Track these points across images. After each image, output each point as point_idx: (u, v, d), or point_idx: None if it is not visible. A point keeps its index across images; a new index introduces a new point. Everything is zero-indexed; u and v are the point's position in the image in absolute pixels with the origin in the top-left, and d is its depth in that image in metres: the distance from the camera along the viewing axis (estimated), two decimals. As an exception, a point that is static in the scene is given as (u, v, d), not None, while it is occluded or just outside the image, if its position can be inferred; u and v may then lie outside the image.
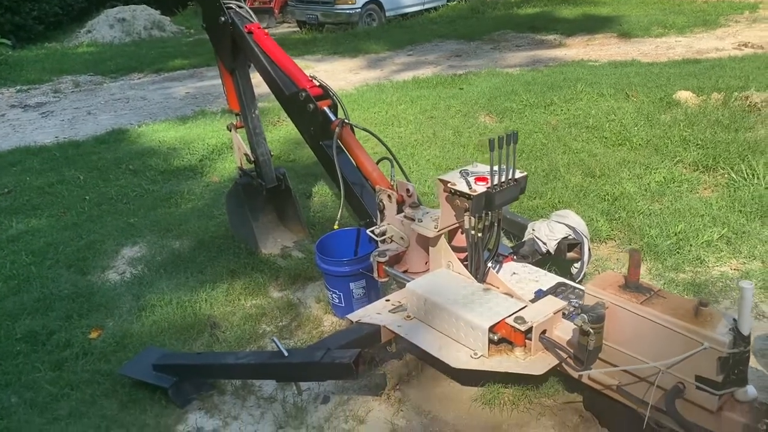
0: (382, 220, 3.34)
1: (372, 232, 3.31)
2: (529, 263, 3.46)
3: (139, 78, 11.88)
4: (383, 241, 3.31)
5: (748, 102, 5.91)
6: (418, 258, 3.27)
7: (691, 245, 4.05)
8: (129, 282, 4.18)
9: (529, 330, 2.61)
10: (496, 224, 2.95)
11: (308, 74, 3.71)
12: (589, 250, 3.62)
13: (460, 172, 2.91)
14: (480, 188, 2.78)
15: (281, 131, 7.12)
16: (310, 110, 3.53)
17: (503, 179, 2.84)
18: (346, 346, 2.79)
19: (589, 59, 9.04)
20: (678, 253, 4.00)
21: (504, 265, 3.39)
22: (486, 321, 2.66)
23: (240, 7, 3.95)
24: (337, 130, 3.45)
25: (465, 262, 3.07)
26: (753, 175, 4.76)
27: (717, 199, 4.60)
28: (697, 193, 4.83)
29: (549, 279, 3.25)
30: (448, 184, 2.86)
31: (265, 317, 3.69)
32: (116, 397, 3.09)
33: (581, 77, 7.53)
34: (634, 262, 2.40)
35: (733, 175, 4.81)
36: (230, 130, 4.38)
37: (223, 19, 3.87)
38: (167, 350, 3.33)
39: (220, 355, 3.18)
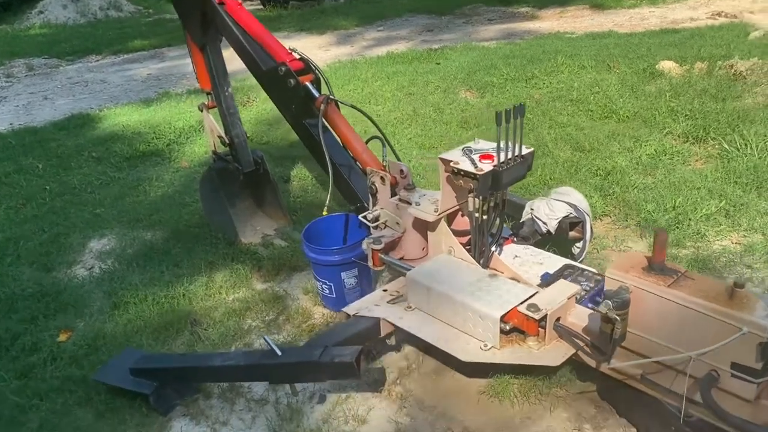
0: (374, 205, 3.10)
1: (364, 217, 3.06)
2: (530, 245, 3.27)
3: (98, 60, 11.34)
4: (376, 227, 3.08)
5: (733, 71, 5.80)
6: (415, 243, 3.04)
7: (690, 219, 3.90)
8: (99, 278, 3.88)
9: (543, 318, 2.42)
10: (501, 205, 2.74)
11: (287, 47, 3.42)
12: (591, 228, 3.44)
13: (463, 149, 2.69)
14: (486, 167, 2.56)
15: (252, 111, 6.80)
16: (291, 86, 3.25)
17: (509, 156, 2.62)
18: (345, 342, 2.56)
19: (565, 31, 8.86)
20: (677, 227, 3.85)
21: (504, 247, 3.18)
22: (497, 310, 2.45)
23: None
24: (322, 107, 3.19)
25: (467, 247, 2.86)
26: (746, 145, 4.64)
27: (711, 170, 4.47)
28: (690, 165, 4.70)
29: (554, 261, 3.06)
30: (451, 164, 2.63)
31: (250, 311, 3.43)
32: (91, 406, 2.82)
33: (560, 50, 7.34)
34: (659, 241, 2.21)
35: (726, 146, 4.69)
36: (201, 111, 4.08)
37: (191, -10, 3.55)
38: (146, 352, 3.06)
39: (205, 357, 2.92)
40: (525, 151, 2.70)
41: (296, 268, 3.82)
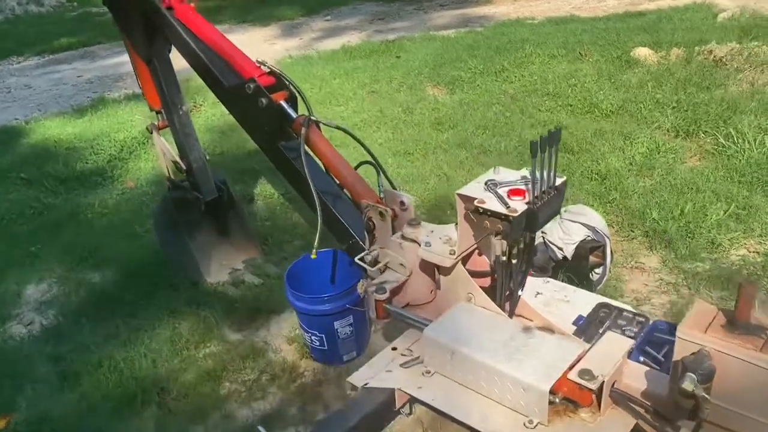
0: (372, 244, 2.63)
1: (361, 260, 2.59)
2: (549, 277, 2.87)
3: (19, 62, 10.36)
4: (375, 270, 2.61)
5: (712, 57, 5.56)
6: (423, 286, 2.59)
7: (701, 227, 3.60)
8: (40, 337, 3.29)
9: (600, 386, 2.01)
10: (530, 245, 2.32)
11: (254, 59, 2.90)
12: (612, 252, 3.07)
13: (486, 183, 2.24)
14: (518, 205, 2.12)
15: (201, 118, 6.18)
16: (263, 106, 2.72)
17: (543, 189, 2.19)
18: (360, 427, 2.10)
19: (524, 17, 8.52)
20: (689, 237, 3.54)
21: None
22: (544, 381, 2.03)
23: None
24: (302, 131, 2.69)
25: (488, 290, 2.43)
26: (742, 139, 4.37)
27: (711, 169, 4.19)
28: (686, 162, 4.41)
29: (582, 298, 2.66)
30: (475, 202, 2.18)
31: (226, 372, 2.94)
32: None
33: (526, 38, 6.98)
34: (746, 296, 1.82)
35: (722, 140, 4.41)
36: (151, 133, 3.51)
37: (131, -8, 2.98)
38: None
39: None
40: (558, 180, 2.29)
41: (275, 310, 3.33)
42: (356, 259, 2.61)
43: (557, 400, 2.06)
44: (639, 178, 4.19)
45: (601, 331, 2.39)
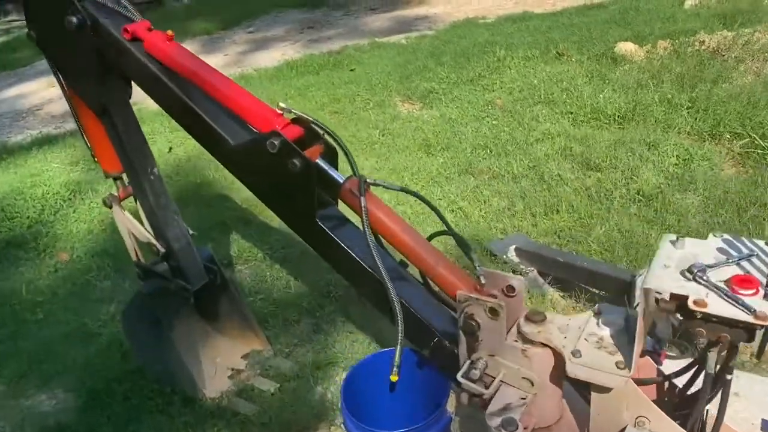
0: (473, 350, 1.89)
1: (467, 377, 1.84)
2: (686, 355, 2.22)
3: None
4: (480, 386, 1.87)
5: (705, 47, 5.15)
6: (550, 403, 1.88)
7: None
8: None
9: None
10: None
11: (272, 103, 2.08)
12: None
13: (693, 272, 1.54)
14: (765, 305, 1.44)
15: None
16: (296, 169, 1.91)
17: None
18: None
19: (475, 17, 7.94)
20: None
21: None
22: None
23: (105, -7, 2.17)
24: (362, 202, 1.92)
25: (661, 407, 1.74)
26: (780, 138, 3.93)
27: (759, 178, 3.70)
28: (723, 170, 3.93)
29: (752, 389, 2.04)
30: (692, 303, 1.47)
31: None
32: None
33: (490, 40, 6.40)
34: None
35: (760, 142, 3.95)
36: (110, 207, 2.59)
37: (75, 20, 2.08)
38: None
39: None
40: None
41: (308, 427, 2.50)
42: (460, 378, 1.86)
43: None
44: (685, 194, 3.65)
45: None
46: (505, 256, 3.23)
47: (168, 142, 5.36)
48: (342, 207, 2.07)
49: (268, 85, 6.33)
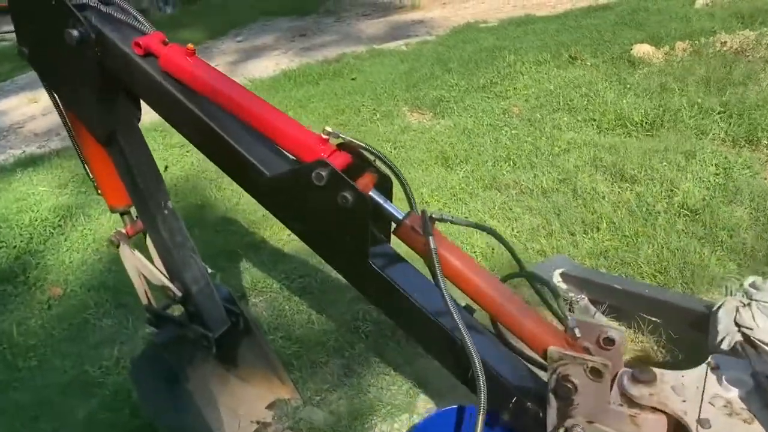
0: (568, 416, 1.60)
1: (561, 448, 1.55)
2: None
3: None
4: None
5: (727, 48, 4.93)
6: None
7: None
8: None
9: None
10: None
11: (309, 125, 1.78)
12: None
13: None
14: None
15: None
16: (348, 204, 1.60)
17: None
18: None
19: (476, 21, 7.68)
20: None
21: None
22: None
23: (108, 3, 1.86)
24: (431, 243, 1.62)
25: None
26: (825, 144, 3.69)
27: (810, 186, 3.46)
28: (766, 179, 3.68)
29: None
30: None
31: None
32: None
33: (498, 45, 6.14)
34: None
35: (805, 149, 3.71)
36: (118, 246, 2.26)
37: (76, 34, 1.76)
38: None
39: None
40: None
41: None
42: (552, 450, 1.56)
43: None
44: (731, 206, 3.40)
45: None
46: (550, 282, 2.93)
47: (163, 160, 5.01)
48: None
49: (265, 96, 5.92)
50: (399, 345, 2.79)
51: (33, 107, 7.52)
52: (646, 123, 4.30)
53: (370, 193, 1.70)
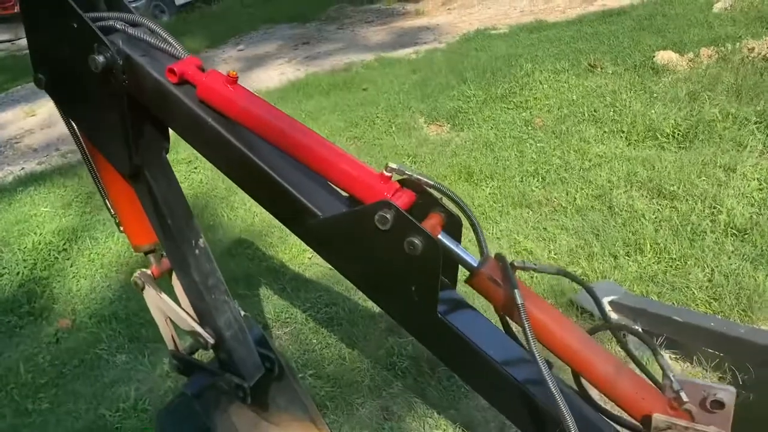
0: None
1: None
2: None
3: None
4: None
5: (755, 54, 4.76)
6: None
7: None
8: None
9: None
10: None
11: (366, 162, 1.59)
12: None
13: None
14: None
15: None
16: (417, 251, 1.40)
17: None
18: None
19: (485, 27, 7.50)
20: None
21: None
22: None
23: (136, 24, 1.67)
24: (517, 299, 1.43)
25: None
26: None
27: None
28: (814, 194, 3.50)
29: None
30: None
31: None
32: None
33: (512, 53, 5.96)
34: None
35: None
36: (143, 288, 2.06)
37: (102, 60, 1.57)
38: None
39: None
40: None
41: None
42: None
43: None
44: (781, 225, 3.22)
45: None
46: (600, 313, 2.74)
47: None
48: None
49: (274, 108, 5.78)
50: (440, 384, 2.59)
51: (30, 121, 7.30)
52: (678, 134, 4.13)
53: (440, 236, 1.51)
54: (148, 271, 2.05)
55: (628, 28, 6.02)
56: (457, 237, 1.56)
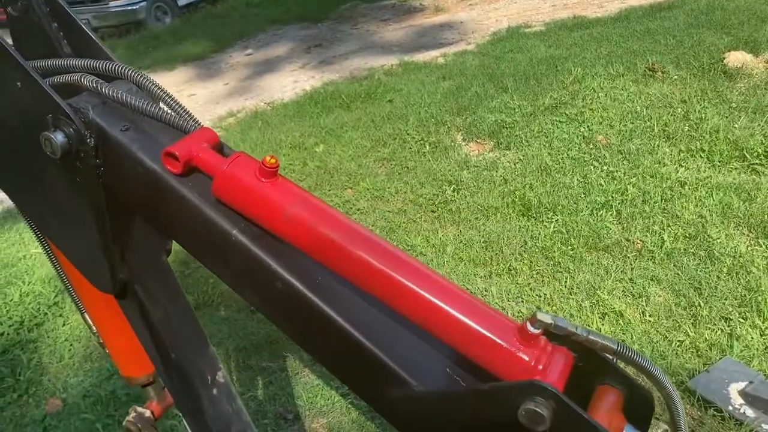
0: None
1: None
2: None
3: None
4: None
5: None
6: None
7: None
8: None
9: None
10: None
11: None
12: None
13: None
14: None
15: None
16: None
17: None
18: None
19: (517, 26, 6.83)
20: None
21: None
22: None
23: (114, 77, 1.05)
24: None
25: None
26: None
27: None
28: None
29: None
30: None
31: None
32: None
33: (555, 54, 5.32)
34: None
35: None
36: (138, 435, 1.46)
37: (59, 140, 0.96)
38: None
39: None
40: None
41: None
42: None
43: None
44: None
45: None
46: (730, 407, 2.13)
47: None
48: None
49: (290, 125, 5.18)
50: None
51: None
52: (765, 153, 3.49)
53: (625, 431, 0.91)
54: (146, 411, 1.45)
55: (683, 24, 5.37)
56: (644, 424, 0.96)
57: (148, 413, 1.45)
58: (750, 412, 2.12)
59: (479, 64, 5.56)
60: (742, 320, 2.54)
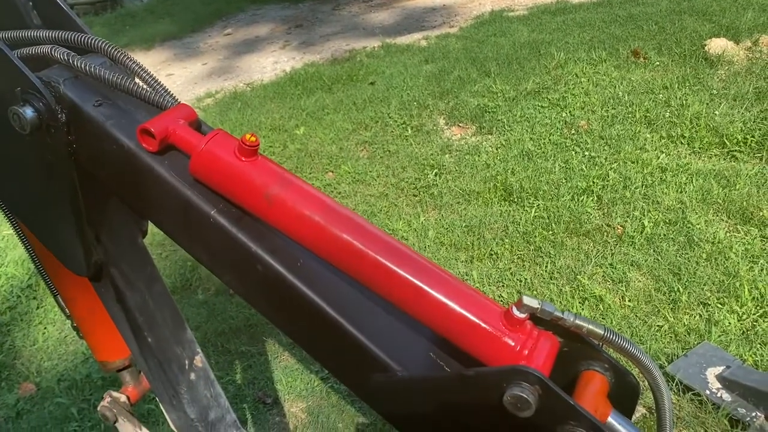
0: None
1: None
2: None
3: None
4: None
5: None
6: None
7: None
8: None
9: None
10: None
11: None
12: None
13: None
14: None
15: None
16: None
17: None
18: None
19: (500, 9, 6.78)
20: None
21: None
22: None
23: (88, 50, 1.00)
24: None
25: None
26: None
27: None
28: None
29: None
30: None
31: None
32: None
33: (538, 39, 5.30)
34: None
35: None
36: (114, 422, 1.43)
37: (29, 114, 0.92)
38: None
39: None
40: None
41: None
42: None
43: None
44: None
45: None
46: (708, 392, 2.16)
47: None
48: None
49: (270, 106, 5.11)
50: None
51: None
52: (752, 142, 3.52)
53: (610, 420, 0.90)
54: (122, 396, 1.42)
55: (666, 10, 5.37)
56: (628, 408, 0.95)
57: (123, 398, 1.42)
58: (727, 396, 2.14)
59: (462, 48, 5.52)
60: (720, 305, 2.56)
